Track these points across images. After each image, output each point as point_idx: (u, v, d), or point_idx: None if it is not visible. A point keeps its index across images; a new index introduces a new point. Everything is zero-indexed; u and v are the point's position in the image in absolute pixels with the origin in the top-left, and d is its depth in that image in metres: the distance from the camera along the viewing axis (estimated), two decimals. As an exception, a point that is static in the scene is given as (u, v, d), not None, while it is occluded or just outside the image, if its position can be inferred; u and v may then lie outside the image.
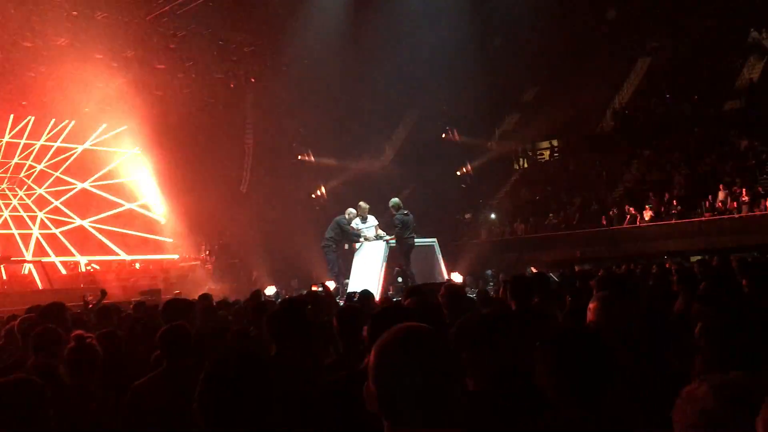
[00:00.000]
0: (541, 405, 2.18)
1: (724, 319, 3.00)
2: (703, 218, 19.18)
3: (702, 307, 3.57)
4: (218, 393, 1.87)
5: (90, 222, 24.46)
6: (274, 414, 1.90)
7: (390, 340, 1.50)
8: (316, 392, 2.83)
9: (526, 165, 29.77)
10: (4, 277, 20.79)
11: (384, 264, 12.40)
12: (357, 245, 12.98)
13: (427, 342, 1.49)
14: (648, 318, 3.60)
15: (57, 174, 24.68)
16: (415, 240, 12.58)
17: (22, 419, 2.36)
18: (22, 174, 24.28)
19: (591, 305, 3.37)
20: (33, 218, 24.45)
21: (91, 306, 8.03)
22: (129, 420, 3.33)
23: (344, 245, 13.17)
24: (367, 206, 13.32)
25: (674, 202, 20.43)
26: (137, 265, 23.51)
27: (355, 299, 7.21)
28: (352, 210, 13.08)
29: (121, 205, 24.92)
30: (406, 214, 12.46)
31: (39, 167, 24.52)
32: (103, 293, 8.72)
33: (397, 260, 12.83)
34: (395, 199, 12.76)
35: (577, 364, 2.11)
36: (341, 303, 9.25)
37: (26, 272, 21.91)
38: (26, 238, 24.08)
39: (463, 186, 28.65)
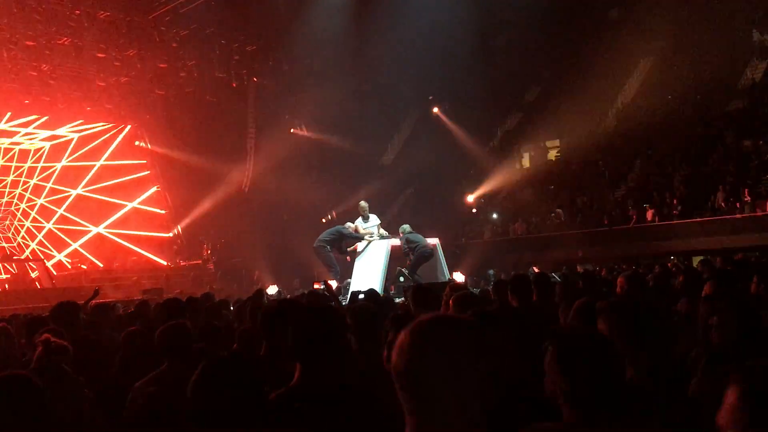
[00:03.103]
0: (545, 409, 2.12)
1: (738, 313, 2.99)
2: (705, 218, 19.13)
3: (715, 303, 3.57)
4: (209, 392, 1.86)
5: (105, 228, 24.47)
6: (264, 413, 1.88)
7: (426, 328, 1.39)
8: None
9: (528, 165, 29.73)
10: (14, 269, 20.89)
11: (386, 264, 12.40)
12: (359, 246, 12.98)
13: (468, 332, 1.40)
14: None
15: (59, 167, 24.67)
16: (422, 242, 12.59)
17: (16, 415, 2.33)
18: (32, 178, 24.28)
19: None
20: (41, 217, 24.50)
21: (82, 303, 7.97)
22: (130, 420, 3.31)
23: (345, 251, 13.20)
24: (367, 205, 13.36)
25: (676, 202, 20.40)
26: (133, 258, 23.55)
27: (360, 298, 7.18)
28: (350, 224, 13.16)
29: (123, 205, 24.90)
30: (412, 233, 12.59)
31: (40, 165, 24.51)
32: (96, 292, 8.61)
33: (403, 261, 12.86)
34: (404, 226, 12.90)
35: (590, 365, 2.04)
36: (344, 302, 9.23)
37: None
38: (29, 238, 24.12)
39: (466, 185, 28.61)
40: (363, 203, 13.41)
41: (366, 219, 13.22)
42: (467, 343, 1.37)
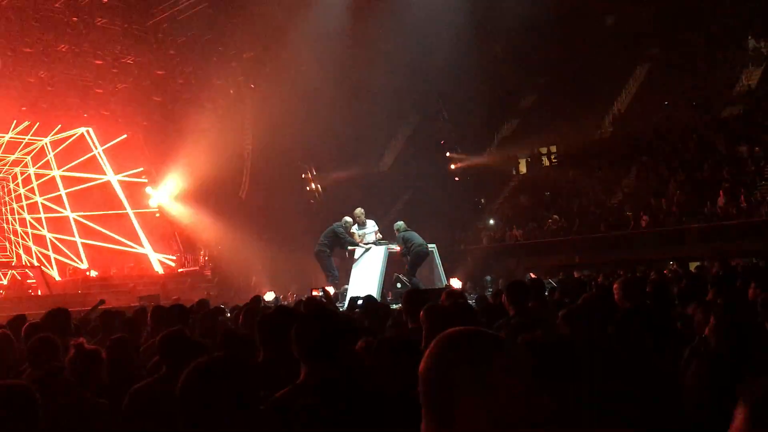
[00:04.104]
0: None
1: (733, 317, 3.02)
2: (701, 224, 19.18)
3: (712, 307, 3.61)
4: (197, 392, 1.88)
5: (78, 215, 24.42)
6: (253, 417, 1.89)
7: (451, 341, 1.38)
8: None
9: (525, 171, 29.82)
10: (5, 282, 20.83)
11: (383, 270, 12.40)
12: (356, 252, 12.98)
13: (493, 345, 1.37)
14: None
15: (57, 171, 24.67)
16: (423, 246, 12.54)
17: (11, 426, 2.31)
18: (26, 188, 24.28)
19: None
20: (34, 224, 24.50)
21: (85, 315, 8.00)
22: (127, 424, 3.32)
23: (345, 252, 13.18)
24: (363, 211, 13.35)
25: (673, 208, 20.45)
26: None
27: (359, 303, 7.20)
28: (348, 219, 13.10)
29: (121, 211, 24.87)
30: (407, 230, 12.56)
31: (34, 171, 24.51)
32: (100, 302, 8.69)
33: (401, 267, 12.84)
34: (398, 223, 12.87)
35: (549, 373, 2.00)
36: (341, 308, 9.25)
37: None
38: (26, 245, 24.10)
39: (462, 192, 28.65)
40: (358, 210, 13.40)
41: (362, 225, 13.22)
42: (492, 359, 1.33)
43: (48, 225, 24.66)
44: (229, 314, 8.48)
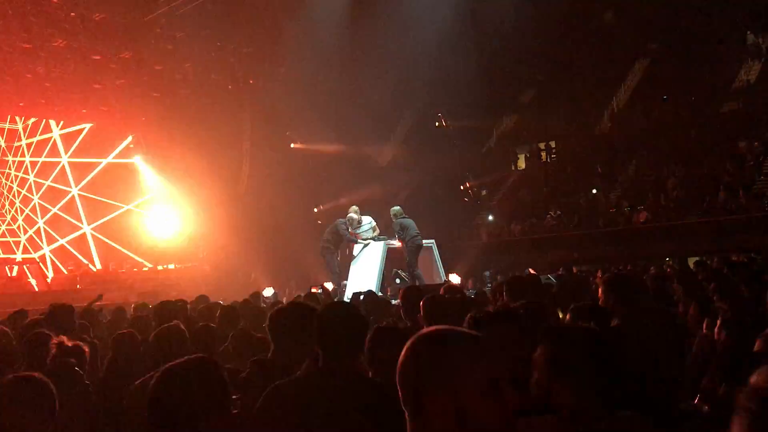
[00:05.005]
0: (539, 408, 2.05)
1: (744, 314, 3.02)
2: (700, 219, 19.18)
3: (722, 304, 3.60)
4: (164, 398, 1.87)
5: (81, 193, 24.44)
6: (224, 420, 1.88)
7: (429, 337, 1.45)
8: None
9: (524, 167, 29.79)
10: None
11: (382, 265, 12.40)
12: (355, 248, 12.99)
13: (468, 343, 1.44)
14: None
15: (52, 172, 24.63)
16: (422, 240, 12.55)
17: (30, 416, 2.35)
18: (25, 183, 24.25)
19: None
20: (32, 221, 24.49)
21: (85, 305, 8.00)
22: (128, 421, 3.32)
23: (346, 249, 13.21)
24: (357, 209, 13.34)
25: (672, 204, 20.46)
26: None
27: (361, 299, 7.19)
28: (353, 215, 13.09)
29: (119, 207, 24.85)
30: (405, 217, 12.54)
31: (31, 175, 24.46)
32: (99, 297, 8.69)
33: (400, 262, 12.86)
34: (395, 208, 12.85)
35: (592, 364, 1.97)
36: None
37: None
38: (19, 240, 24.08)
39: (462, 188, 28.63)
40: (353, 208, 13.41)
41: (359, 223, 13.20)
42: (461, 357, 1.39)
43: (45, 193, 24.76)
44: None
